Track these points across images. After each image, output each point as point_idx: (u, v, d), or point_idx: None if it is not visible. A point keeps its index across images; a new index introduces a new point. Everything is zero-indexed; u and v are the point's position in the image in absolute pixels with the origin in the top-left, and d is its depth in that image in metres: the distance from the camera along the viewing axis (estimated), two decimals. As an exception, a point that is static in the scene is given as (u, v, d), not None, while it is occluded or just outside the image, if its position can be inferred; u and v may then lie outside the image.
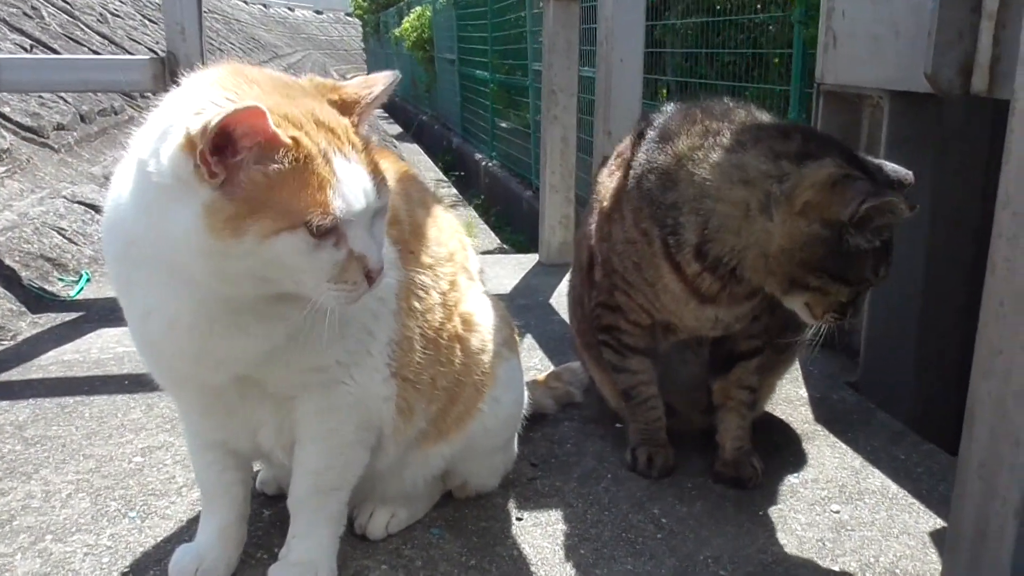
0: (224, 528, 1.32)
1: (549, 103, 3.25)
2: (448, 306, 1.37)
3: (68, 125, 4.83)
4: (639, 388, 1.71)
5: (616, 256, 1.60)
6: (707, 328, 1.59)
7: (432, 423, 1.38)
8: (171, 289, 1.03)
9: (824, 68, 2.28)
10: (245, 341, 1.06)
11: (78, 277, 3.14)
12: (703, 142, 1.47)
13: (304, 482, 1.28)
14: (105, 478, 1.65)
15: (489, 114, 8.68)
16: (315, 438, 1.25)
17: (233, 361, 1.09)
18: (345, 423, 1.25)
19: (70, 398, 2.03)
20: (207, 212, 0.93)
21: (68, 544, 1.43)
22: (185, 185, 0.94)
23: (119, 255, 1.08)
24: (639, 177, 1.54)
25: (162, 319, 1.05)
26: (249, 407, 1.22)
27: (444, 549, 1.44)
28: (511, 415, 1.52)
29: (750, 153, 1.42)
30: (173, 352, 1.09)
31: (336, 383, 1.21)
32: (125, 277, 1.08)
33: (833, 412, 2.03)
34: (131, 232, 1.04)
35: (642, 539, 1.50)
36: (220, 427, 1.26)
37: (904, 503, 1.64)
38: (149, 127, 1.02)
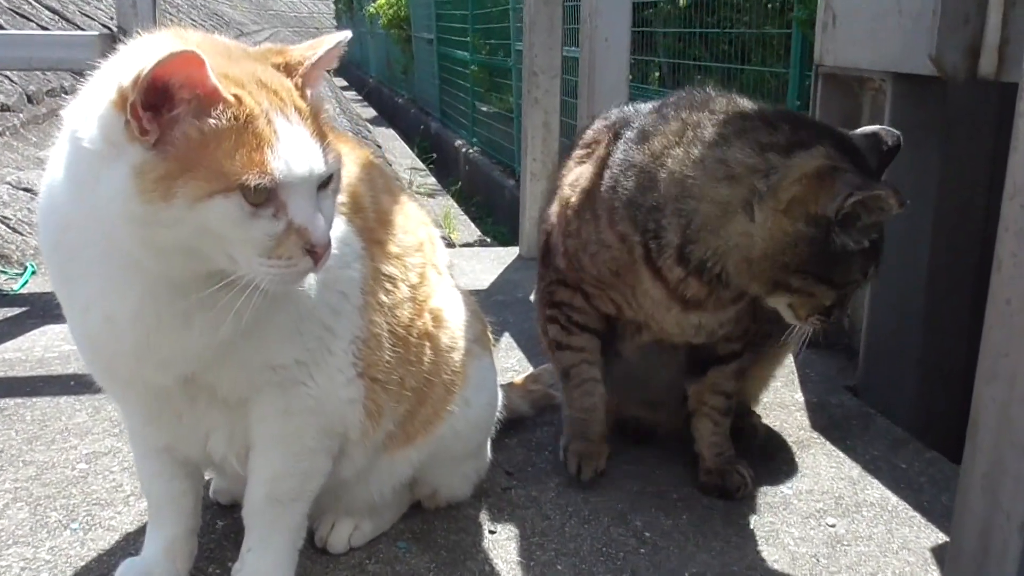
0: (172, 541, 1.30)
1: (530, 85, 3.24)
2: (418, 301, 1.35)
3: (13, 106, 4.77)
4: (580, 367, 1.69)
5: (587, 256, 1.59)
6: (689, 335, 1.58)
7: (400, 426, 1.37)
8: (110, 277, 1.01)
9: (823, 49, 2.28)
10: (189, 335, 1.04)
11: (22, 270, 3.10)
12: (683, 137, 1.45)
13: (259, 491, 1.26)
14: (46, 486, 1.63)
15: (470, 97, 8.66)
16: (272, 443, 1.23)
17: (178, 359, 1.07)
18: (305, 428, 1.23)
19: (10, 400, 2.00)
20: (136, 173, 0.90)
21: (3, 558, 1.41)
22: (115, 147, 0.92)
23: (55, 244, 1.06)
24: (615, 178, 1.52)
25: (101, 312, 1.03)
26: (198, 411, 1.19)
27: (411, 564, 1.43)
28: (483, 417, 1.51)
29: (734, 147, 1.40)
30: (114, 350, 1.06)
31: (294, 384, 1.19)
32: (62, 269, 1.06)
33: (830, 418, 2.04)
34: (66, 215, 1.01)
35: (623, 554, 1.49)
36: (166, 433, 1.24)
37: (905, 516, 1.64)
38: (82, 97, 1.00)
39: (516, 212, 3.59)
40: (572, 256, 1.62)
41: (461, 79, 9.10)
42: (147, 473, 1.30)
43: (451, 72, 9.66)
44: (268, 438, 1.23)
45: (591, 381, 1.69)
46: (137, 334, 1.02)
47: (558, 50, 3.22)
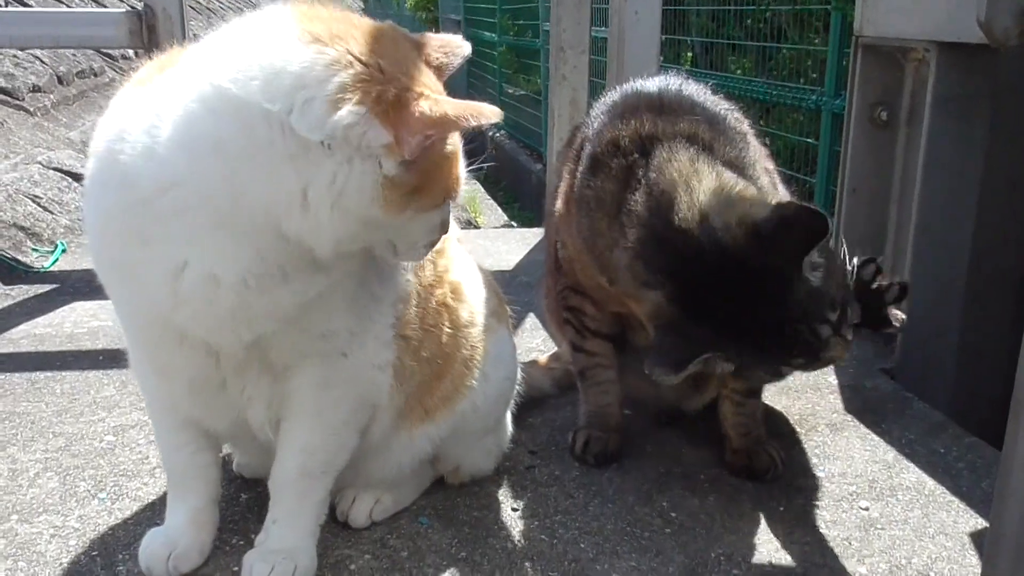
0: (196, 512, 1.33)
1: (557, 62, 3.21)
2: (437, 269, 1.37)
3: (44, 87, 4.84)
4: (595, 370, 1.71)
5: (580, 271, 1.61)
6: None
7: (418, 399, 1.38)
8: (223, 240, 1.01)
9: (863, 19, 2.23)
10: (283, 293, 1.06)
11: (53, 247, 3.16)
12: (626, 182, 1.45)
13: (291, 462, 1.28)
14: (75, 457, 1.66)
15: (497, 79, 8.63)
16: (308, 415, 1.25)
17: (266, 316, 1.08)
18: (341, 400, 1.26)
19: (41, 373, 2.04)
20: (388, 185, 0.98)
21: (34, 525, 1.44)
22: (356, 151, 0.96)
23: (138, 202, 1.02)
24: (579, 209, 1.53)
25: (202, 272, 1.02)
26: (245, 379, 1.21)
27: (432, 539, 1.44)
28: (501, 391, 1.52)
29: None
30: (206, 309, 1.05)
31: (337, 355, 1.22)
32: (145, 228, 1.03)
33: (865, 401, 2.01)
34: (175, 175, 0.99)
35: (648, 534, 1.49)
36: (202, 404, 1.25)
37: (942, 501, 1.62)
38: (237, 53, 0.99)
39: (543, 196, 3.58)
40: (569, 265, 1.65)
41: (488, 61, 9.08)
42: (171, 446, 1.32)
43: (478, 54, 9.61)
44: (304, 410, 1.25)
45: (607, 382, 1.71)
46: (238, 293, 1.04)
47: (586, 25, 3.19)
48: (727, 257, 1.31)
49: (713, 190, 1.37)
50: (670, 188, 1.38)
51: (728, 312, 1.32)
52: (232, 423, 1.28)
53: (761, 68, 4.16)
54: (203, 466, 1.33)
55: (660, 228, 1.36)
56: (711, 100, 1.60)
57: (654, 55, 2.68)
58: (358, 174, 0.97)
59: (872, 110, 2.29)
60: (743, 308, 1.32)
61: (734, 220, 1.32)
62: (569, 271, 1.66)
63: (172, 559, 1.29)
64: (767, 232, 1.30)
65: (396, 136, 0.96)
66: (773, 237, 1.30)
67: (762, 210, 1.32)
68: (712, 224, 1.32)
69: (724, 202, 1.35)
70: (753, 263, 1.30)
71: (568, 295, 1.70)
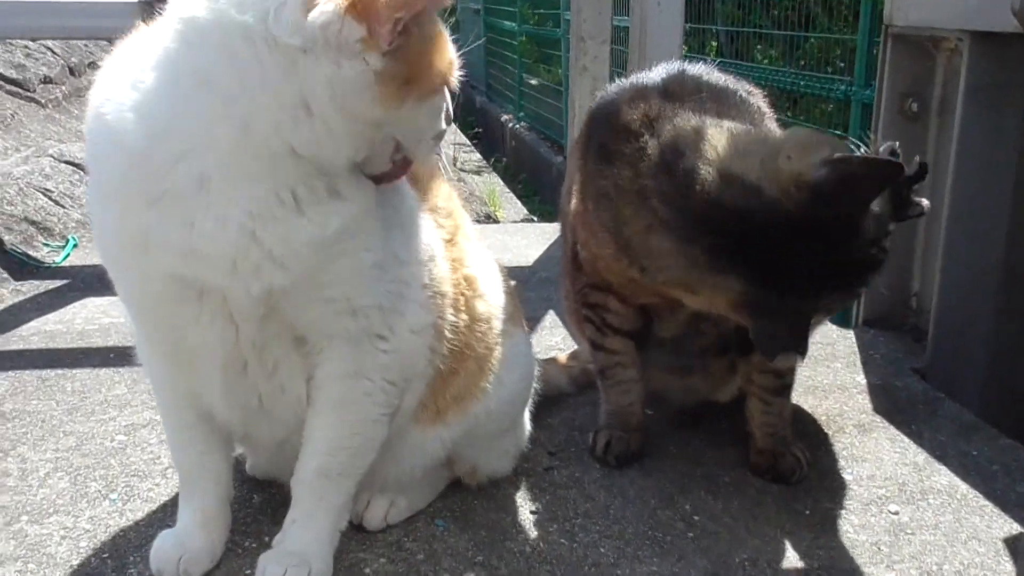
0: (208, 512, 1.33)
1: (578, 52, 3.20)
2: (452, 260, 1.36)
3: (56, 78, 4.88)
4: (615, 369, 1.70)
5: (604, 268, 1.60)
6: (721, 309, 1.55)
7: (431, 397, 1.37)
8: (231, 178, 1.01)
9: (893, 8, 2.22)
10: (298, 228, 1.05)
11: (64, 242, 3.18)
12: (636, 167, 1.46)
13: (313, 461, 1.28)
14: (86, 457, 1.67)
15: (517, 69, 8.62)
16: (333, 407, 1.25)
17: (280, 259, 1.06)
18: (371, 393, 1.25)
19: (51, 371, 2.06)
20: (380, 80, 0.98)
21: (44, 526, 1.45)
22: (339, 51, 0.96)
23: (135, 161, 1.02)
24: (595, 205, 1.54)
25: (213, 217, 1.02)
26: (267, 358, 1.20)
27: (449, 543, 1.43)
28: (516, 393, 1.51)
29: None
30: (221, 252, 1.04)
31: (370, 337, 1.21)
32: (146, 188, 1.02)
33: (895, 401, 1.99)
34: (168, 122, 1.00)
35: (671, 537, 1.48)
36: (227, 387, 1.22)
37: (975, 505, 1.60)
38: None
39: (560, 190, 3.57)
40: (590, 264, 1.64)
41: (508, 50, 9.07)
42: (182, 444, 1.33)
43: (498, 43, 9.62)
44: (329, 403, 1.25)
45: (628, 381, 1.70)
46: (250, 230, 1.03)
47: (608, 14, 3.18)
48: (794, 224, 1.30)
49: (732, 148, 1.36)
50: (702, 160, 1.36)
51: (810, 273, 1.33)
52: (249, 414, 1.27)
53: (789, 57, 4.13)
54: (213, 464, 1.33)
55: (709, 211, 1.34)
56: (717, 77, 1.61)
57: (677, 45, 2.66)
58: (349, 74, 0.98)
59: (902, 101, 2.27)
60: (823, 263, 1.33)
61: (790, 184, 1.30)
62: (592, 270, 1.65)
63: (183, 562, 1.29)
64: (829, 191, 1.28)
65: (369, 28, 0.96)
66: (838, 194, 1.29)
67: (814, 169, 1.29)
68: (765, 193, 1.31)
69: (766, 160, 1.33)
70: (822, 220, 1.30)
71: (589, 292, 1.68)
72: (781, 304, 1.34)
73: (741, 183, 1.33)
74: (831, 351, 2.25)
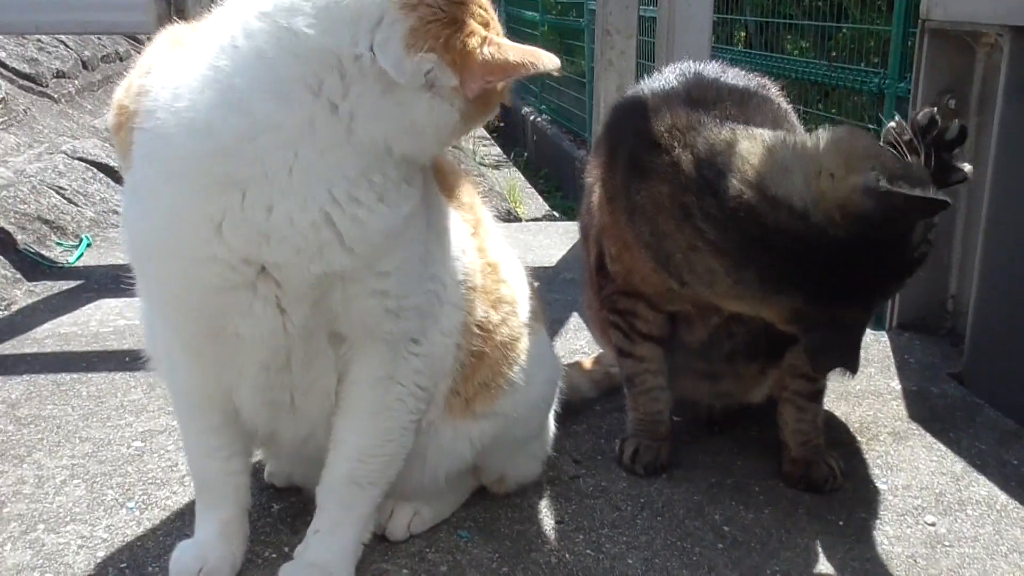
0: (227, 522, 1.34)
1: (603, 46, 3.19)
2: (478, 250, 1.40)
3: (69, 72, 4.92)
4: (643, 376, 1.70)
5: (639, 280, 1.61)
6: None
7: (460, 383, 1.38)
8: (321, 170, 1.09)
9: (931, 2, 2.20)
10: (377, 211, 1.13)
11: (78, 242, 3.21)
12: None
13: (343, 467, 1.29)
14: (102, 464, 1.69)
15: (540, 60, 8.58)
16: (367, 412, 1.27)
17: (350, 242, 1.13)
18: (404, 399, 1.28)
19: (66, 375, 2.08)
20: (462, 118, 1.14)
21: (61, 535, 1.47)
22: (430, 90, 1.10)
23: (217, 151, 1.07)
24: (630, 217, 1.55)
25: (296, 200, 1.09)
26: (310, 351, 1.23)
27: (473, 554, 1.44)
28: (543, 395, 1.52)
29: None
30: (291, 235, 1.10)
31: (406, 341, 1.25)
32: (227, 174, 1.08)
33: (931, 408, 1.99)
34: (266, 121, 1.07)
35: (700, 548, 1.48)
36: (265, 384, 1.24)
37: (1015, 516, 1.59)
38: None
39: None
40: (623, 278, 1.64)
41: (530, 41, 8.98)
42: (204, 449, 1.33)
43: (519, 33, 9.59)
44: (363, 408, 1.27)
45: (657, 389, 1.71)
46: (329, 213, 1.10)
47: (634, 7, 3.17)
48: (845, 247, 1.33)
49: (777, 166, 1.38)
50: (743, 181, 1.38)
51: (862, 286, 1.38)
52: (277, 410, 1.28)
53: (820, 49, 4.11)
54: (235, 473, 1.34)
55: (758, 235, 1.37)
56: (734, 77, 1.63)
57: (706, 37, 2.65)
58: (437, 110, 1.12)
59: (939, 97, 2.25)
60: (873, 276, 1.37)
61: (835, 210, 1.33)
62: (624, 281, 1.65)
63: (203, 573, 1.30)
64: (878, 222, 1.32)
65: (461, 80, 1.10)
66: (881, 226, 1.33)
67: (860, 197, 1.32)
68: (812, 218, 1.33)
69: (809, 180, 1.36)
70: (872, 243, 1.34)
71: (618, 299, 1.69)
72: (834, 318, 1.37)
73: (788, 209, 1.35)
74: (864, 355, 2.22)
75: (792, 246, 1.35)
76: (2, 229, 3.00)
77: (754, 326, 1.60)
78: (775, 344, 1.65)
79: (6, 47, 4.54)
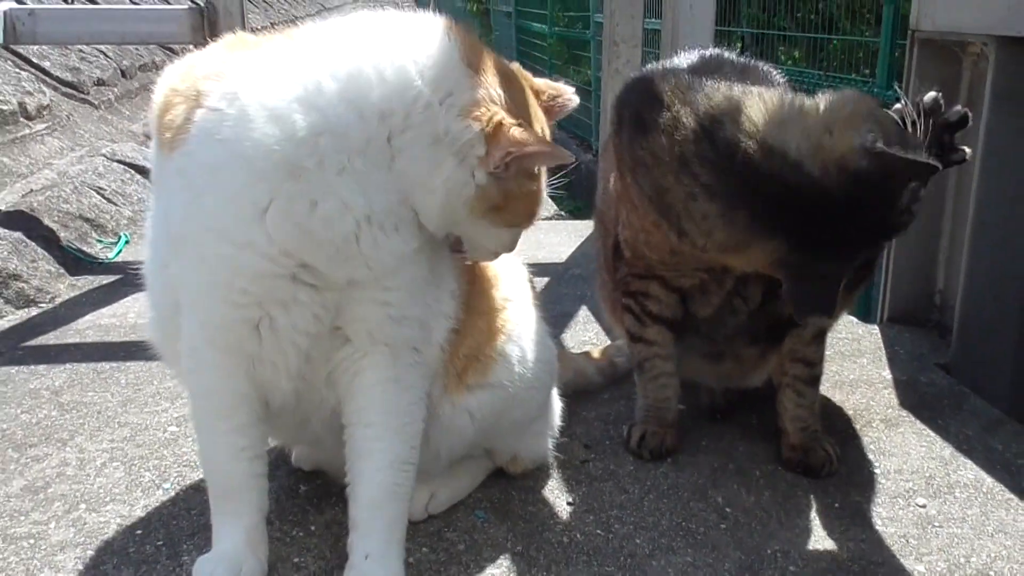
0: (252, 529, 1.26)
1: (610, 55, 3.18)
2: None
3: (108, 80, 4.92)
4: (653, 361, 1.67)
5: (644, 244, 1.58)
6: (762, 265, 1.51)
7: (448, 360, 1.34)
8: (363, 184, 1.11)
9: (920, 13, 2.17)
10: (390, 241, 1.14)
11: (116, 239, 3.21)
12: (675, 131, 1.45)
13: (378, 476, 1.23)
14: (139, 447, 1.68)
15: (547, 71, 8.57)
16: (391, 429, 1.23)
17: (369, 258, 1.14)
18: (415, 404, 1.26)
19: (106, 364, 2.07)
20: (478, 193, 1.14)
21: (101, 514, 1.46)
22: (461, 156, 1.12)
23: (290, 139, 1.07)
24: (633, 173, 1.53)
25: (337, 206, 1.10)
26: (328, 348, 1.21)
27: (489, 533, 1.43)
28: (539, 376, 1.46)
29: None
30: (330, 240, 1.11)
31: (408, 349, 1.23)
32: (295, 161, 1.08)
33: (921, 396, 1.96)
34: (338, 124, 1.08)
35: (704, 529, 1.46)
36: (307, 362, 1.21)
37: (1001, 498, 1.57)
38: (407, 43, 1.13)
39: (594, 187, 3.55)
40: (632, 246, 1.61)
41: (539, 52, 9.03)
42: (229, 453, 1.24)
43: (529, 45, 9.59)
44: (387, 416, 1.23)
45: (665, 375, 1.68)
46: (360, 227, 1.12)
47: (640, 19, 3.15)
48: (836, 202, 1.32)
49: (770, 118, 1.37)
50: (740, 130, 1.36)
51: (845, 241, 1.36)
52: (309, 390, 1.24)
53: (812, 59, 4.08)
54: (259, 475, 1.26)
55: (752, 180, 1.35)
56: (737, 57, 1.62)
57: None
58: (461, 176, 1.13)
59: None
60: (857, 233, 1.35)
61: (832, 166, 1.31)
62: (633, 252, 1.62)
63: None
64: (873, 180, 1.30)
65: (488, 150, 1.12)
66: (875, 185, 1.31)
67: (857, 156, 1.30)
68: (805, 168, 1.32)
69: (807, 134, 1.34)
70: (863, 201, 1.32)
71: (631, 280, 1.66)
72: (816, 268, 1.35)
73: (783, 158, 1.32)
74: (856, 347, 2.22)
75: (782, 193, 1.33)
76: (46, 227, 3.00)
77: (755, 301, 1.59)
78: (774, 330, 1.63)
79: (50, 57, 4.54)
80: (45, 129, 3.89)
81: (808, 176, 1.31)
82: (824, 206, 1.32)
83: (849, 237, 1.35)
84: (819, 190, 1.31)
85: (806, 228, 1.34)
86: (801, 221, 1.33)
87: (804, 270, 1.37)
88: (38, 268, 2.71)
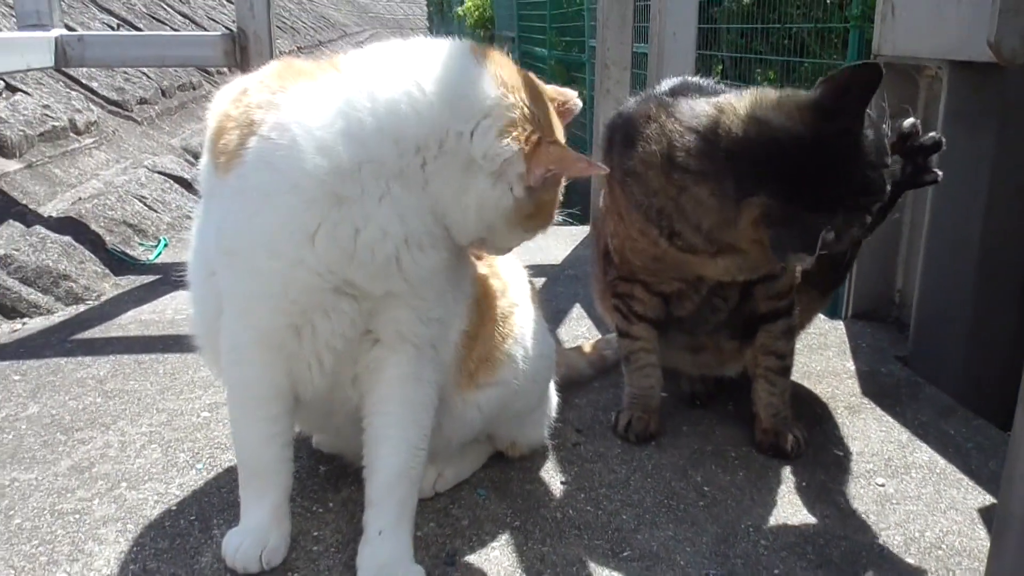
0: (277, 507, 1.26)
1: (602, 77, 3.17)
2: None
3: (150, 99, 4.92)
4: (638, 354, 1.67)
5: (629, 251, 1.58)
6: (734, 273, 1.51)
7: (463, 362, 1.34)
8: (399, 210, 1.10)
9: (882, 39, 2.17)
10: (422, 258, 1.13)
11: (156, 242, 3.21)
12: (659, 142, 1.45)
13: (393, 459, 1.22)
14: (175, 431, 1.68)
15: (547, 89, 8.57)
16: (407, 420, 1.23)
17: (405, 272, 1.13)
18: (431, 399, 1.24)
19: (146, 355, 2.07)
20: (516, 206, 1.13)
21: (140, 492, 1.46)
22: (500, 175, 1.10)
23: (335, 170, 1.06)
24: (621, 185, 1.51)
25: (377, 231, 1.09)
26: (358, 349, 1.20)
27: (490, 510, 1.43)
28: (539, 369, 1.46)
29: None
30: (371, 260, 1.10)
31: (427, 347, 1.22)
32: (340, 190, 1.07)
33: (881, 386, 1.95)
34: (379, 154, 1.08)
35: (684, 506, 1.46)
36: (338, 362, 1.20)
37: (952, 478, 1.56)
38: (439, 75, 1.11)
39: (587, 194, 3.54)
40: (619, 253, 1.61)
41: (540, 73, 8.99)
42: (261, 439, 1.23)
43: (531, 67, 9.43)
44: (405, 407, 1.22)
45: (649, 366, 1.68)
46: (398, 248, 1.11)
47: (629, 44, 3.14)
48: (804, 141, 1.32)
49: (749, 103, 1.40)
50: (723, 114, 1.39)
51: (822, 186, 1.34)
52: (337, 387, 1.23)
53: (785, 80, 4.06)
54: (287, 460, 1.25)
55: (732, 146, 1.36)
56: (713, 86, 1.61)
57: (690, 69, 2.62)
58: (497, 192, 1.11)
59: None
60: (831, 178, 1.34)
61: (794, 110, 1.34)
62: (621, 260, 1.62)
63: (265, 555, 1.24)
64: (828, 104, 1.32)
65: (528, 167, 1.10)
66: (835, 106, 1.32)
67: (809, 93, 1.34)
68: (774, 122, 1.34)
69: (763, 103, 1.38)
70: (827, 136, 1.32)
71: (618, 283, 1.66)
72: (794, 213, 1.34)
73: (756, 120, 1.35)
74: (823, 341, 2.21)
75: (761, 152, 1.34)
76: (93, 232, 3.00)
77: (734, 301, 1.59)
78: (750, 326, 1.63)
79: (98, 78, 4.55)
80: (93, 143, 3.89)
81: (778, 125, 1.33)
82: (796, 150, 1.32)
83: (822, 180, 1.34)
84: (789, 134, 1.33)
85: (783, 177, 1.34)
86: (779, 173, 1.34)
87: (786, 217, 1.35)
88: (85, 269, 2.72)
